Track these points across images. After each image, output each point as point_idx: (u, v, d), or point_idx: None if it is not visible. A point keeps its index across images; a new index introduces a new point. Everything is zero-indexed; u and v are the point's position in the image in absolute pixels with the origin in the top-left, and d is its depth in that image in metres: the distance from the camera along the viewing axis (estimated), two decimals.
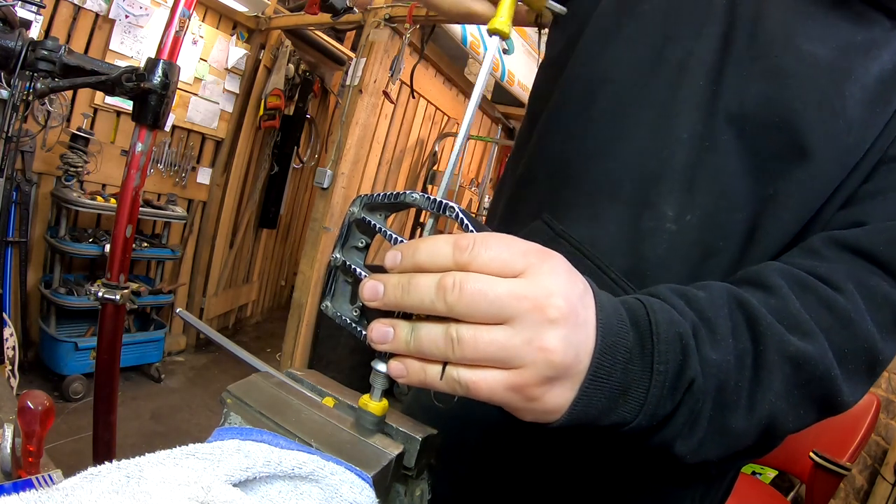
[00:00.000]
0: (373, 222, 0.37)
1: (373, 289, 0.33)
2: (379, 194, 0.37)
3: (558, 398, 0.32)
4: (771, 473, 2.58)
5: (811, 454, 1.91)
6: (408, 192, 0.35)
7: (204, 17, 3.04)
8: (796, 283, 0.41)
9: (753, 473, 2.55)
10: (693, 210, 0.49)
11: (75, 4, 2.44)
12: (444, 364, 0.32)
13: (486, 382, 0.31)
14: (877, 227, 0.43)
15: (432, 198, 0.34)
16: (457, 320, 0.31)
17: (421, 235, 0.37)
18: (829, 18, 0.48)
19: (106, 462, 0.26)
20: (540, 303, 0.30)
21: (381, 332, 0.33)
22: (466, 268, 0.31)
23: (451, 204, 0.34)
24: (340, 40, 3.96)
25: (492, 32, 0.37)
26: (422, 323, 0.32)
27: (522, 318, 0.30)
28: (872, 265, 0.42)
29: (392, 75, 2.73)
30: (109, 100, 2.67)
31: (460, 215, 0.34)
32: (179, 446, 0.29)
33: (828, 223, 0.47)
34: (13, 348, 2.08)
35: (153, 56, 1.27)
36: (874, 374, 0.42)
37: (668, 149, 0.50)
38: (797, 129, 0.46)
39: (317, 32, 3.55)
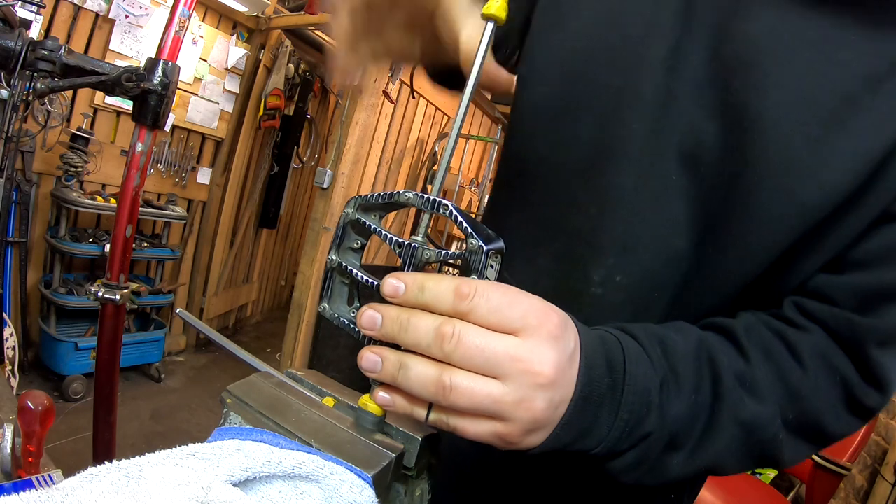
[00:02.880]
0: (368, 223, 0.37)
1: (371, 319, 0.34)
2: (373, 195, 0.37)
3: (533, 441, 0.35)
4: (771, 473, 2.58)
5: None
6: (401, 191, 0.35)
7: (204, 17, 3.03)
8: (762, 349, 0.42)
9: (753, 473, 2.55)
10: (624, 270, 0.46)
11: (75, 4, 2.43)
12: (430, 405, 0.34)
13: (474, 430, 0.33)
14: (840, 313, 0.41)
15: (426, 196, 0.34)
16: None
17: (413, 234, 0.36)
18: (831, 25, 0.37)
19: (106, 462, 0.26)
20: (533, 369, 0.32)
21: (370, 361, 0.34)
22: (465, 317, 0.31)
23: (444, 202, 0.34)
24: None
25: (487, 18, 0.35)
26: (412, 360, 0.33)
27: (515, 378, 0.31)
28: (836, 344, 0.42)
29: (392, 75, 2.73)
30: (109, 100, 2.67)
31: (454, 213, 0.34)
32: (179, 446, 0.29)
33: (809, 275, 0.43)
34: (13, 348, 2.08)
35: (153, 56, 1.27)
36: (820, 446, 0.43)
37: (598, 205, 0.45)
38: (746, 188, 0.40)
39: (317, 32, 3.55)
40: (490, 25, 0.35)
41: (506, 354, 0.31)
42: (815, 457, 1.88)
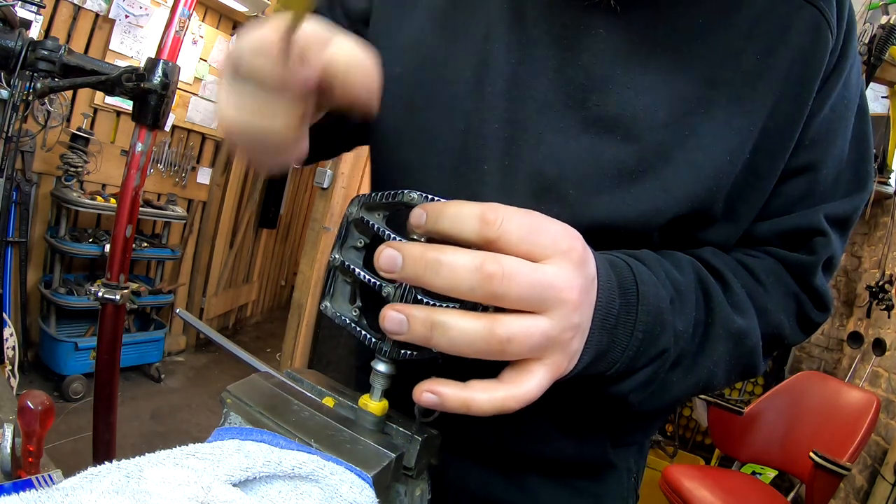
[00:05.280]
0: (371, 222, 0.37)
1: (390, 259, 0.30)
2: (377, 194, 0.37)
3: (568, 370, 0.34)
4: (771, 473, 2.58)
5: (811, 454, 1.90)
6: (405, 190, 0.35)
7: (204, 17, 3.04)
8: (732, 270, 0.45)
9: (753, 473, 2.55)
10: None
11: (75, 4, 2.44)
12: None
13: (537, 380, 0.31)
14: (775, 250, 0.48)
15: (430, 196, 0.34)
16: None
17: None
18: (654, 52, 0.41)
19: (106, 462, 0.26)
20: (570, 296, 0.30)
21: (394, 322, 0.30)
22: (493, 244, 0.29)
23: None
24: None
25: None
26: (447, 316, 0.29)
27: (556, 308, 0.30)
28: (784, 268, 0.48)
29: None
30: (109, 100, 2.67)
31: None
32: (179, 446, 0.29)
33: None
34: (13, 348, 2.08)
35: (153, 56, 1.28)
36: (775, 352, 0.49)
37: None
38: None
39: None
40: None
41: (551, 286, 0.29)
42: (814, 457, 1.88)
